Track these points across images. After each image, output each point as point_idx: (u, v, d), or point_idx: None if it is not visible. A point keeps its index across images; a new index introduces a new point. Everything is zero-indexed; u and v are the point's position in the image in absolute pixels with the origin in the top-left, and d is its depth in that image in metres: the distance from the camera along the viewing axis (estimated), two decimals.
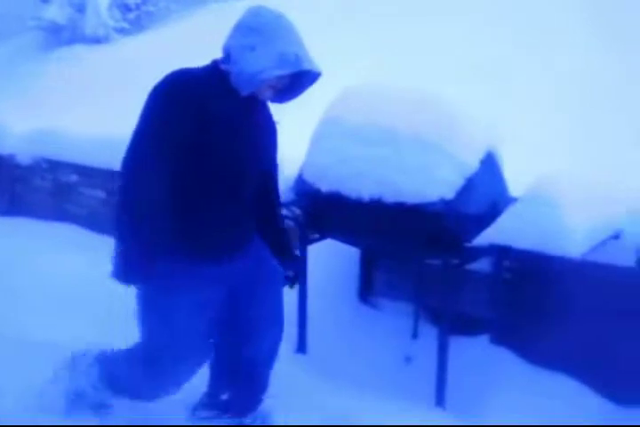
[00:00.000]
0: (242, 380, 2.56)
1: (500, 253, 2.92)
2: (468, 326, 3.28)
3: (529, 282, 3.12)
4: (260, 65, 2.23)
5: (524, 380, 3.05)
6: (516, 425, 2.74)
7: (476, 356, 3.19)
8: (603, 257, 2.97)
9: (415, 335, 3.30)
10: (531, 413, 2.84)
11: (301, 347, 3.45)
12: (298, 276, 2.73)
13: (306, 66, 2.27)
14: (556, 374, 3.08)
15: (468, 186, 2.89)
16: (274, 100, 2.45)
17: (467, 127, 2.98)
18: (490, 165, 3.01)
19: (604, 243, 3.00)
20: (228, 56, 2.32)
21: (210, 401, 2.62)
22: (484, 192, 3.00)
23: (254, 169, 2.44)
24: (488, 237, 2.86)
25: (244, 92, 2.31)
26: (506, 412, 2.86)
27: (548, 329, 3.08)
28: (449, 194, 2.85)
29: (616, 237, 3.09)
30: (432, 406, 2.99)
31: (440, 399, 3.03)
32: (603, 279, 2.99)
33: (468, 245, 2.94)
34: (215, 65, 2.37)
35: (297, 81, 2.36)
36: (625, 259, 2.96)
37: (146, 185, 2.20)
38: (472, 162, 2.92)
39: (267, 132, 2.51)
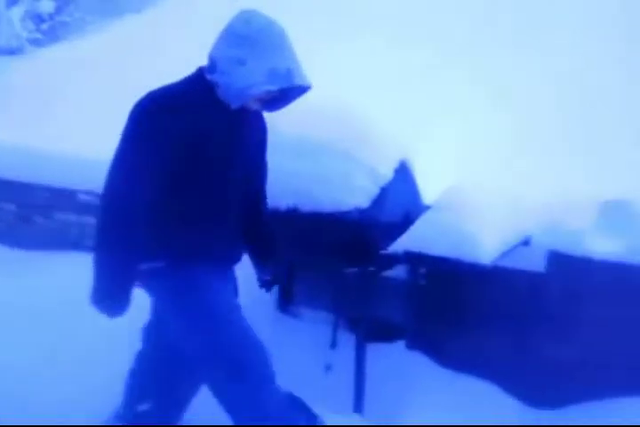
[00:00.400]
0: (166, 391, 2.47)
1: (415, 259, 2.97)
2: (385, 333, 3.32)
3: (443, 288, 3.18)
4: (250, 80, 2.14)
5: (440, 384, 3.10)
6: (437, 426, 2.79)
7: (394, 362, 3.22)
8: (513, 263, 3.06)
9: (334, 344, 3.31)
10: (447, 416, 2.88)
11: None
12: (276, 280, 2.70)
13: (297, 81, 2.20)
14: (470, 377, 3.14)
15: (383, 195, 2.94)
16: (261, 110, 2.39)
17: (380, 137, 3.04)
18: (403, 173, 3.08)
19: (514, 249, 3.10)
20: (214, 66, 2.20)
21: (125, 412, 2.51)
22: (399, 200, 3.07)
23: (243, 181, 2.38)
24: (403, 244, 2.92)
25: (233, 106, 2.24)
26: (422, 416, 2.90)
27: (461, 334, 3.15)
28: (364, 203, 2.90)
29: (525, 243, 3.19)
30: (350, 413, 3.01)
31: (358, 406, 3.06)
32: (513, 284, 3.08)
33: (384, 252, 2.99)
34: (201, 75, 2.24)
35: (286, 91, 2.29)
36: (534, 264, 3.06)
37: (129, 217, 2.14)
38: (386, 171, 2.98)
39: (256, 141, 2.44)
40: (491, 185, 3.25)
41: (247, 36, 2.15)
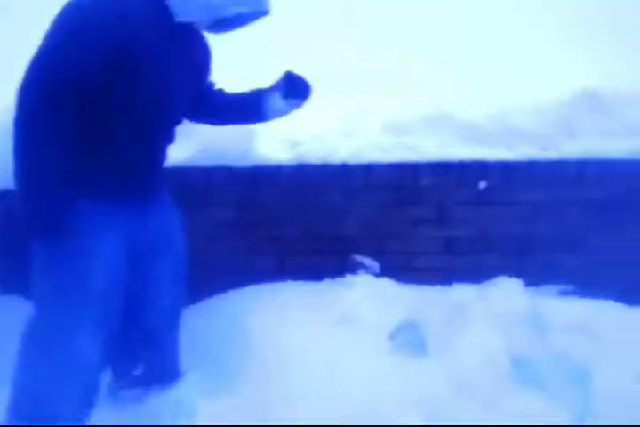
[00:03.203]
0: (151, 348, 2.30)
1: None
2: None
3: None
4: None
5: None
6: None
7: None
8: None
9: None
10: None
11: None
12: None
13: (265, 6, 1.99)
14: None
15: None
16: (207, 30, 2.11)
17: None
18: None
19: None
20: None
21: (125, 382, 2.31)
22: None
23: (180, 107, 2.11)
24: None
25: (186, 20, 1.96)
26: None
27: None
28: None
29: None
30: None
31: None
32: None
33: None
34: None
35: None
36: None
37: (48, 133, 1.80)
38: None
39: (201, 62, 2.18)
40: None
41: None
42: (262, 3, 2.05)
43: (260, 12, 2.10)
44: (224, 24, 2.16)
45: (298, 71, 2.35)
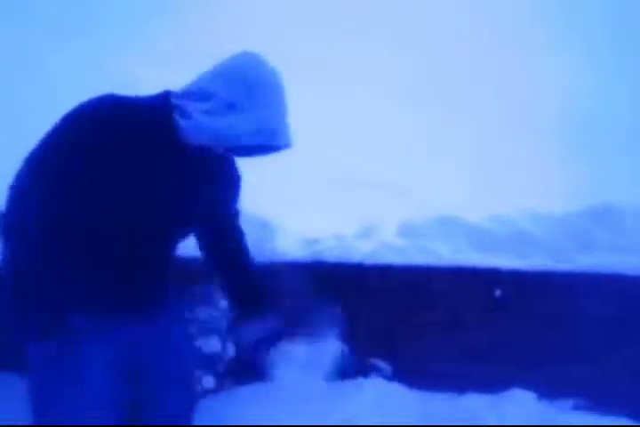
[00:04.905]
0: None
1: None
2: None
3: None
4: (237, 130, 1.89)
5: None
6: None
7: None
8: None
9: None
10: None
11: None
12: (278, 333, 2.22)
13: (279, 141, 1.94)
14: None
15: None
16: (227, 153, 2.04)
17: None
18: None
19: None
20: (200, 98, 1.90)
21: None
22: None
23: (175, 228, 2.01)
24: None
25: (192, 142, 1.93)
26: None
27: None
28: None
29: None
30: None
31: None
32: None
33: None
34: (166, 98, 1.92)
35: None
36: None
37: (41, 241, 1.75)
38: None
39: (215, 187, 2.07)
40: None
41: (250, 85, 1.91)
42: (281, 136, 1.96)
43: (283, 145, 2.02)
44: (247, 151, 2.06)
45: None
